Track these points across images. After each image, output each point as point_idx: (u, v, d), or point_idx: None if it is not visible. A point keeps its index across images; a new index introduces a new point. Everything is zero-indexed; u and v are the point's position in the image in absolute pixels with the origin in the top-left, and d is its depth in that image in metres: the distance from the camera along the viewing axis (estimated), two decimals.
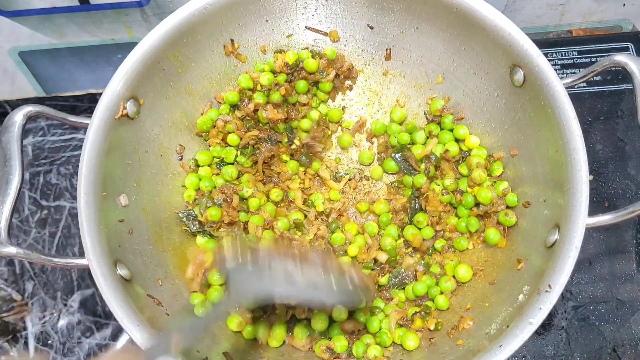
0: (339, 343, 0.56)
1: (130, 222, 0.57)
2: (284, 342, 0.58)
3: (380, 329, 0.58)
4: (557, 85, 0.53)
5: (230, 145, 0.66)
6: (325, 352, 0.56)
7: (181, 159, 0.65)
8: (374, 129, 0.68)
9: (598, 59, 0.79)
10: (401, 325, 0.58)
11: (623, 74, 0.75)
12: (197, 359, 0.51)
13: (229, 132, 0.65)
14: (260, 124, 0.66)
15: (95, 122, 0.55)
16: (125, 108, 0.56)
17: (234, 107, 0.66)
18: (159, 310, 0.54)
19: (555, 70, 0.54)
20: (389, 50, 0.67)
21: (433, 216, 0.63)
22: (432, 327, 0.57)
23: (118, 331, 0.71)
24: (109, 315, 0.71)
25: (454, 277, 0.60)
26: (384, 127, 0.68)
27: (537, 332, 0.48)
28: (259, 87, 0.65)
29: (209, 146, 0.66)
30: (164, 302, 0.55)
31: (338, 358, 0.57)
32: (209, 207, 0.62)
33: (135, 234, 0.57)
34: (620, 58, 0.51)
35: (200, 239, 0.63)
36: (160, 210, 0.62)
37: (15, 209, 0.51)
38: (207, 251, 0.59)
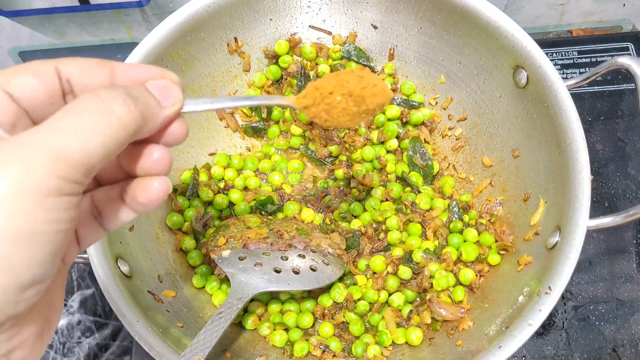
0: (334, 343, 0.57)
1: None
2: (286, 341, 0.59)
3: (379, 330, 0.58)
4: (560, 87, 0.53)
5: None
6: (323, 351, 0.57)
7: None
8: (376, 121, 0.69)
9: (598, 59, 0.79)
10: (399, 325, 0.58)
11: (623, 74, 0.75)
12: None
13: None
14: None
15: None
16: None
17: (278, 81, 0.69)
18: (159, 306, 0.54)
19: (556, 70, 0.54)
20: (392, 50, 0.67)
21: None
22: (429, 322, 0.57)
23: (118, 331, 0.71)
24: (109, 315, 0.71)
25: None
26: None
27: (537, 332, 0.48)
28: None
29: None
30: (164, 298, 0.55)
31: (337, 357, 0.57)
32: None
33: (137, 230, 0.57)
34: (624, 60, 0.51)
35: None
36: (161, 207, 0.62)
37: None
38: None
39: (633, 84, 0.51)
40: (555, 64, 0.78)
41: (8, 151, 0.23)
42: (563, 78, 0.53)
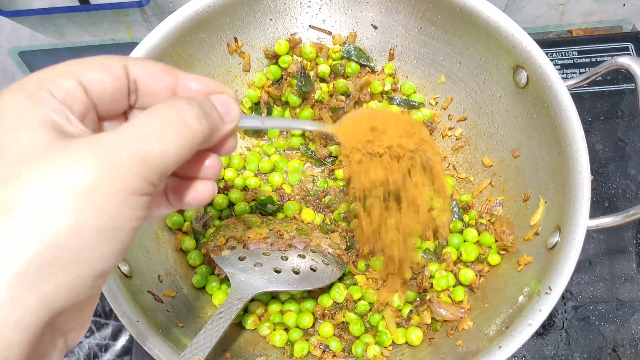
0: (334, 343, 0.57)
1: None
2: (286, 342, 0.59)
3: (379, 330, 0.58)
4: (560, 87, 0.53)
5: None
6: (323, 351, 0.57)
7: None
8: None
9: (598, 59, 0.79)
10: (399, 325, 0.58)
11: (623, 74, 0.75)
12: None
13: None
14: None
15: None
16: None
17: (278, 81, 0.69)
18: (159, 306, 0.54)
19: (556, 70, 0.54)
20: (392, 50, 0.67)
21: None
22: (429, 322, 0.57)
23: (118, 331, 0.71)
24: (109, 315, 0.71)
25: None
26: None
27: (537, 332, 0.48)
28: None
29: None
30: (164, 298, 0.55)
31: (337, 357, 0.57)
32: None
33: None
34: (624, 60, 0.51)
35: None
36: None
37: None
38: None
39: (633, 84, 0.51)
40: (555, 64, 0.78)
41: (99, 151, 0.25)
42: (563, 78, 0.53)
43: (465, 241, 0.61)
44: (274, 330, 0.59)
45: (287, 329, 0.59)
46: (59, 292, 0.24)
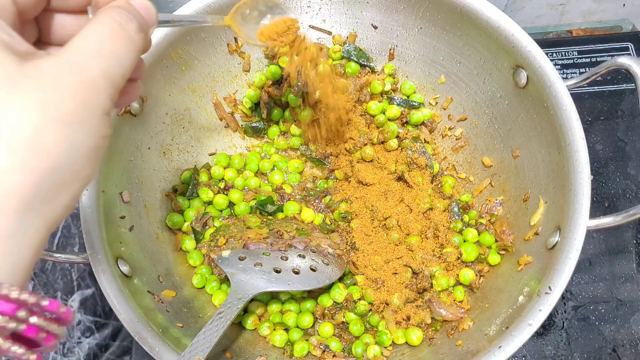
0: (334, 343, 0.57)
1: (132, 219, 0.57)
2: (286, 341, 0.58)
3: (379, 330, 0.58)
4: (560, 87, 0.53)
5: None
6: (323, 351, 0.57)
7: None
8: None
9: (598, 59, 0.79)
10: (398, 323, 0.58)
11: (623, 74, 0.76)
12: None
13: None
14: None
15: None
16: (128, 105, 0.56)
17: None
18: (159, 306, 0.54)
19: (556, 70, 0.54)
20: (392, 50, 0.67)
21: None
22: (429, 321, 0.57)
23: (118, 331, 0.71)
24: (108, 315, 0.71)
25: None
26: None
27: (537, 332, 0.48)
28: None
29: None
30: (164, 298, 0.55)
31: (337, 357, 0.57)
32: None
33: (137, 230, 0.57)
34: (624, 60, 0.51)
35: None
36: (161, 207, 0.62)
37: None
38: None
39: (633, 84, 0.51)
40: (555, 64, 0.78)
41: (70, 73, 0.26)
42: (563, 78, 0.54)
43: (465, 241, 0.61)
44: (274, 330, 0.59)
45: (287, 329, 0.59)
46: (59, 212, 0.26)
